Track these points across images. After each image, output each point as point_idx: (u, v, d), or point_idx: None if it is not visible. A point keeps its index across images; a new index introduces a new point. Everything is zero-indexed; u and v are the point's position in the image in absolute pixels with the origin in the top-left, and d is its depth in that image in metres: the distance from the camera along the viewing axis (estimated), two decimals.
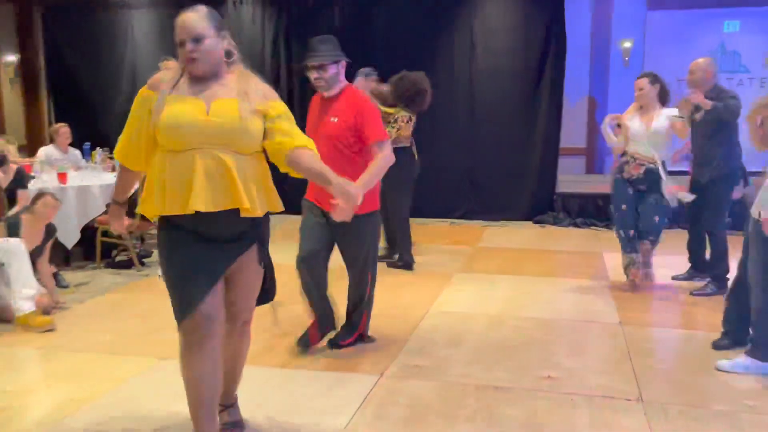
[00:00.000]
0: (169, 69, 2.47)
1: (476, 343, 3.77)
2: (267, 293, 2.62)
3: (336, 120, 3.37)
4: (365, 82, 5.60)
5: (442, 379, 3.26)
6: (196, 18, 2.30)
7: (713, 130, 4.59)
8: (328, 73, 3.36)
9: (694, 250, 4.99)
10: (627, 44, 9.08)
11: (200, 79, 2.35)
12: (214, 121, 2.26)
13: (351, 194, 2.35)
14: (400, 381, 3.25)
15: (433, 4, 7.92)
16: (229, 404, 2.73)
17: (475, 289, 4.91)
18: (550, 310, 4.41)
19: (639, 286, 4.74)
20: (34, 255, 4.40)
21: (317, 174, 2.38)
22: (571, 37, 7.80)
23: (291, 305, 4.06)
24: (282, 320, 4.07)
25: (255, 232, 2.41)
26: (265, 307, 2.74)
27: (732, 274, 3.82)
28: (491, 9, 7.88)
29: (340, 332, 3.71)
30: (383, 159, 3.26)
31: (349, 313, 3.74)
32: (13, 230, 4.41)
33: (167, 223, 2.34)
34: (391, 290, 4.92)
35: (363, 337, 3.76)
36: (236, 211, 2.27)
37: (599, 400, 3.00)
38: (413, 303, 4.57)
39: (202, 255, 2.31)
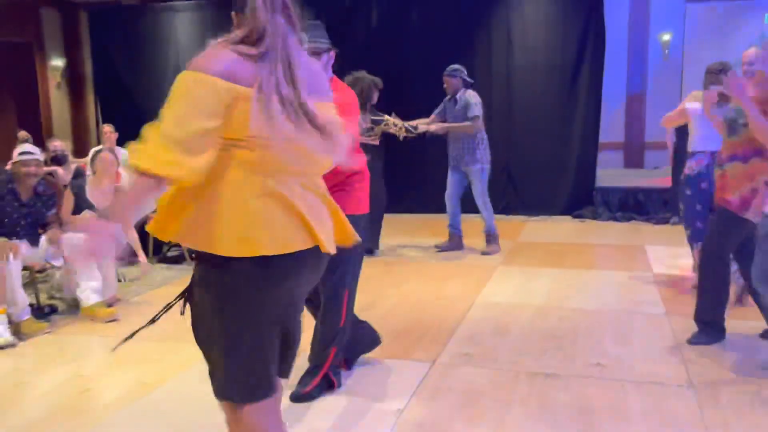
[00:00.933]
0: None
1: (523, 333, 3.86)
2: None
3: None
4: None
5: (492, 367, 3.37)
6: None
7: None
8: (322, 61, 2.90)
9: None
10: (666, 37, 9.04)
11: None
12: None
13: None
14: (452, 368, 3.36)
15: (469, 2, 7.99)
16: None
17: (518, 282, 5.00)
18: (595, 301, 4.47)
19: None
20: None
21: None
22: (609, 31, 7.81)
23: None
24: None
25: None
26: None
27: None
28: (528, 4, 7.93)
29: (302, 378, 3.02)
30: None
31: (315, 351, 3.06)
32: (80, 192, 4.66)
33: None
34: (437, 282, 5.05)
35: (328, 379, 3.05)
36: None
37: (649, 386, 3.06)
38: (459, 294, 4.68)
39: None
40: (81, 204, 4.74)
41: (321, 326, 3.04)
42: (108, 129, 6.95)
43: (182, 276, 5.51)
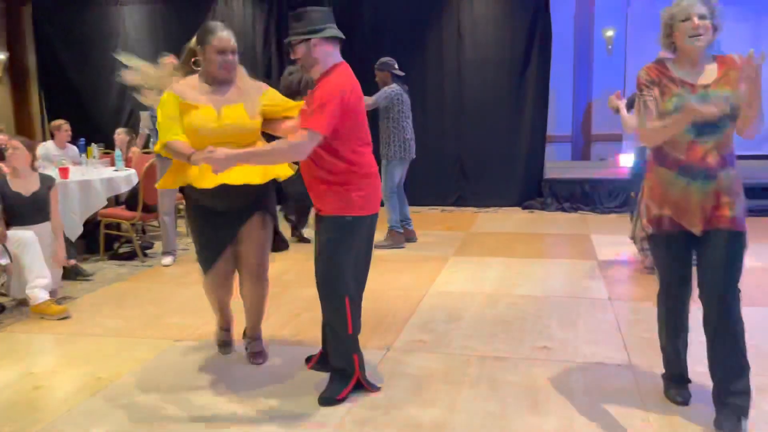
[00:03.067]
0: (167, 66, 3.51)
1: (474, 319, 3.99)
2: (280, 244, 3.15)
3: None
4: None
5: (444, 352, 3.48)
6: (231, 36, 3.01)
7: None
8: (298, 53, 2.85)
9: None
10: (609, 33, 9.35)
11: (219, 82, 3.02)
12: (227, 125, 2.97)
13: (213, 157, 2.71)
14: (406, 354, 3.46)
15: None
16: (255, 337, 3.43)
17: (470, 271, 5.14)
18: (542, 288, 4.64)
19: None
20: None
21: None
22: (555, 27, 8.02)
23: (301, 287, 4.25)
24: (292, 301, 4.29)
25: (260, 200, 3.12)
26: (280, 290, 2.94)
27: None
28: (477, 0, 8.07)
29: (329, 385, 2.97)
30: (286, 146, 2.74)
31: (336, 360, 2.98)
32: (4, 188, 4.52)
33: (193, 201, 3.13)
34: (390, 273, 5.14)
35: (364, 385, 3.00)
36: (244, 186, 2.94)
37: (592, 366, 3.22)
38: (413, 284, 4.78)
39: (216, 226, 3.12)
40: (8, 198, 4.50)
41: (333, 341, 2.97)
42: (65, 126, 6.79)
43: (134, 273, 5.46)
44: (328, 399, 2.89)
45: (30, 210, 4.53)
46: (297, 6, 8.83)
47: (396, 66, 5.94)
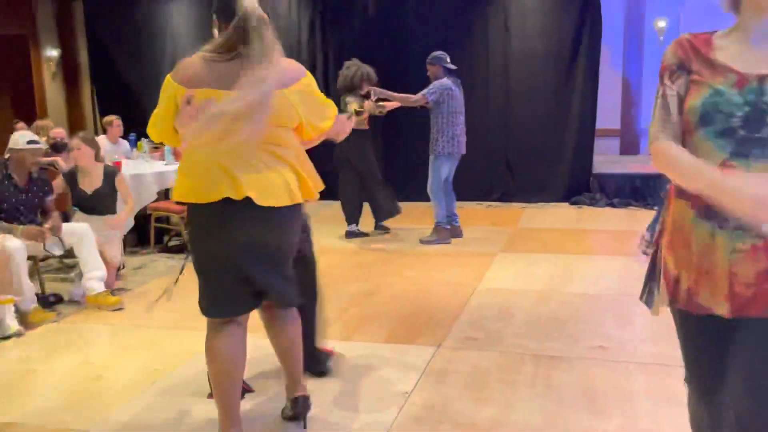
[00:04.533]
0: None
1: (526, 317, 3.92)
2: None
3: None
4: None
5: (497, 350, 3.42)
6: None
7: None
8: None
9: None
10: (661, 23, 9.08)
11: None
12: None
13: None
14: (457, 351, 3.42)
15: None
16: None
17: (519, 268, 5.05)
18: (595, 285, 4.53)
19: None
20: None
21: None
22: (604, 18, 7.82)
23: (349, 282, 4.24)
24: (341, 296, 4.29)
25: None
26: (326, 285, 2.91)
27: None
28: None
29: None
30: None
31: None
32: (72, 183, 4.76)
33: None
34: (438, 269, 5.10)
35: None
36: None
37: (653, 367, 3.13)
38: (461, 280, 4.73)
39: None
40: (74, 194, 4.77)
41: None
42: (117, 121, 6.95)
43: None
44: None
45: (89, 206, 4.76)
46: (339, 3, 8.95)
47: (448, 60, 5.88)
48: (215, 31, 2.34)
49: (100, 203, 4.77)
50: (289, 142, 2.35)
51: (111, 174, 4.84)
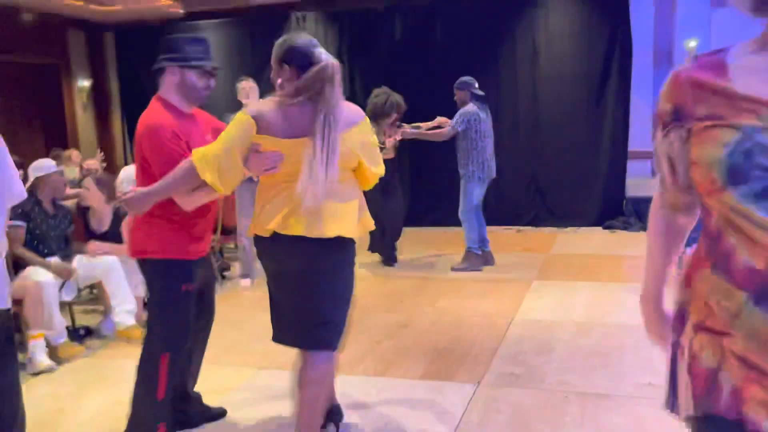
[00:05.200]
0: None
1: (567, 351, 3.77)
2: None
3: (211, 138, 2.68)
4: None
5: (539, 387, 3.28)
6: None
7: None
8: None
9: None
10: (692, 44, 8.92)
11: None
12: None
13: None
14: (498, 389, 3.28)
15: (493, 12, 7.95)
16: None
17: (556, 296, 4.90)
18: (637, 316, 4.32)
19: None
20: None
21: None
22: (634, 39, 7.71)
23: (381, 313, 4.14)
24: (372, 327, 4.18)
25: None
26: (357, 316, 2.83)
27: None
28: (554, 14, 7.86)
29: None
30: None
31: None
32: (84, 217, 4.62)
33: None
34: (472, 298, 4.97)
35: None
36: None
37: None
38: (496, 311, 4.59)
39: None
40: (85, 233, 4.62)
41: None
42: None
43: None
44: None
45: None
46: (366, 26, 9.01)
47: (476, 85, 5.80)
48: (278, 79, 2.42)
49: (114, 241, 4.56)
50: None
51: (120, 218, 4.65)
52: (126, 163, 9.04)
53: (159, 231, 2.57)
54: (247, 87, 5.46)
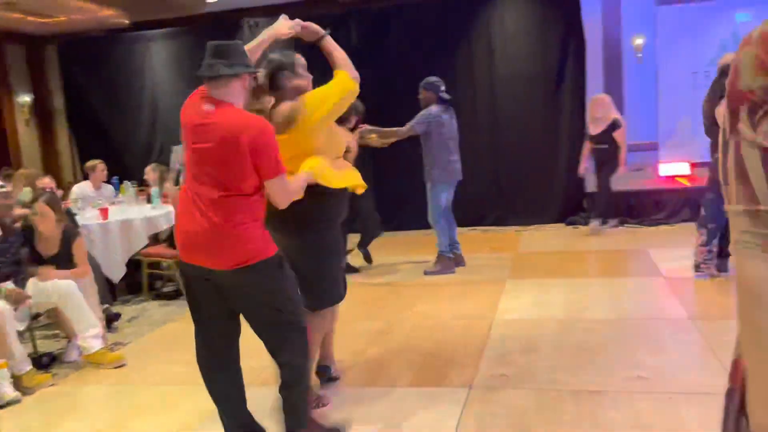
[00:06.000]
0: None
1: (553, 348, 3.77)
2: None
3: None
4: None
5: (532, 386, 3.26)
6: None
7: None
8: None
9: None
10: (639, 40, 9.16)
11: None
12: None
13: None
14: (491, 391, 3.24)
15: (448, 14, 7.97)
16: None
17: (532, 295, 4.91)
18: (615, 310, 4.40)
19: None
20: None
21: None
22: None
23: (361, 320, 4.05)
24: (353, 336, 4.10)
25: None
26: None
27: None
28: (508, 15, 7.93)
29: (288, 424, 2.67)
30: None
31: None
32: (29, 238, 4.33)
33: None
34: (448, 300, 4.94)
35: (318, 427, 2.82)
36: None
37: (699, 397, 2.99)
38: (476, 312, 4.57)
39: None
40: (30, 255, 4.31)
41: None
42: (101, 166, 6.68)
43: (182, 312, 5.28)
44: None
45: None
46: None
47: (443, 88, 5.76)
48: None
49: (62, 265, 4.29)
50: None
51: (69, 238, 4.38)
52: (76, 180, 8.69)
53: (263, 232, 2.54)
54: None
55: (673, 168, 8.12)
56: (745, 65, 0.91)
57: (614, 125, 6.94)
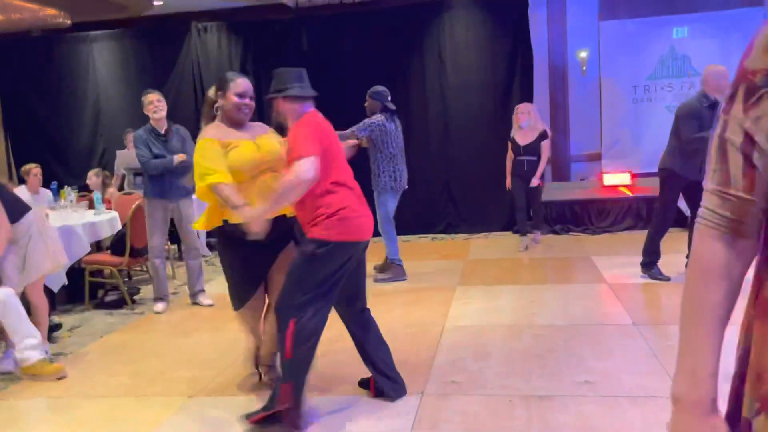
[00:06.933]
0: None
1: (503, 354, 3.82)
2: None
3: None
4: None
5: (483, 393, 3.29)
6: (248, 82, 3.32)
7: None
8: (274, 108, 3.24)
9: None
10: (583, 54, 9.44)
11: (237, 124, 3.25)
12: (266, 154, 3.21)
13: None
14: (442, 398, 3.26)
15: (400, 25, 8.04)
16: (272, 365, 3.46)
17: (481, 301, 4.97)
18: (562, 316, 4.50)
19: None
20: None
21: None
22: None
23: None
24: None
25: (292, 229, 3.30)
26: None
27: None
28: (458, 26, 8.05)
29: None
30: (292, 176, 2.87)
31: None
32: None
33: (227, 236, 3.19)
34: (399, 308, 4.95)
35: (283, 417, 2.90)
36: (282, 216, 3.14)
37: (643, 400, 3.08)
38: (426, 319, 4.59)
39: (250, 261, 3.22)
40: None
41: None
42: (36, 170, 6.45)
43: (126, 322, 5.13)
44: (246, 415, 3.00)
45: None
46: (271, 37, 8.86)
47: (389, 98, 5.78)
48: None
49: None
50: None
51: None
52: (13, 183, 8.34)
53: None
54: (155, 99, 5.20)
55: (616, 178, 8.41)
56: (759, 43, 0.91)
57: (543, 136, 6.76)
